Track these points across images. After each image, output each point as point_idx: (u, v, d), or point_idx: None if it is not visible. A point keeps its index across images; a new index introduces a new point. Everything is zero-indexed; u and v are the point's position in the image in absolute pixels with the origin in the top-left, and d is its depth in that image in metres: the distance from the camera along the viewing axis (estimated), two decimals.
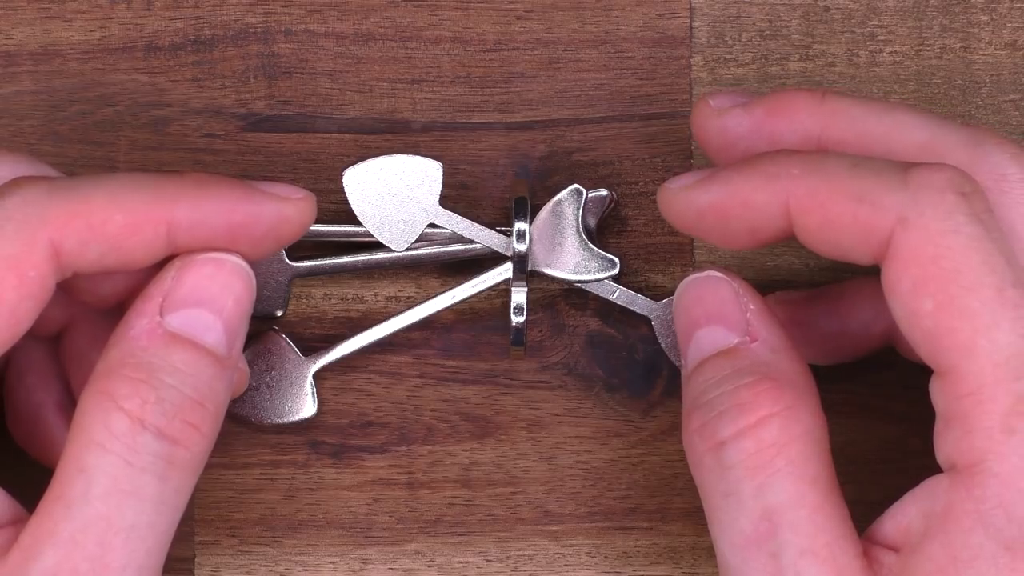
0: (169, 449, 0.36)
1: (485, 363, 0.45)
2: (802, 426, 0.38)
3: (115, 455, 0.36)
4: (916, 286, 0.36)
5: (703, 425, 0.38)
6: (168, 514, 0.37)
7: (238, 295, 0.38)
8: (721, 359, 0.39)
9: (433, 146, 0.45)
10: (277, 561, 0.45)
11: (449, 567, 0.45)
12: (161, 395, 0.36)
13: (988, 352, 0.36)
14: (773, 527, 0.37)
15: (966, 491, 0.36)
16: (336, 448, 0.45)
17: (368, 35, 0.45)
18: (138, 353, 0.37)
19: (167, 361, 0.37)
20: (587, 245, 0.43)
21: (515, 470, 0.45)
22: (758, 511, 0.37)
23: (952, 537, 0.36)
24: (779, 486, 0.37)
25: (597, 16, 0.45)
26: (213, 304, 0.38)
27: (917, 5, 0.46)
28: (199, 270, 0.38)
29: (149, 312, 0.37)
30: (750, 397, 0.38)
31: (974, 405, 0.36)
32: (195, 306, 0.37)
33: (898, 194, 0.37)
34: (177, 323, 0.37)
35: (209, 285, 0.38)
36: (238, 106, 0.45)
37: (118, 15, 0.45)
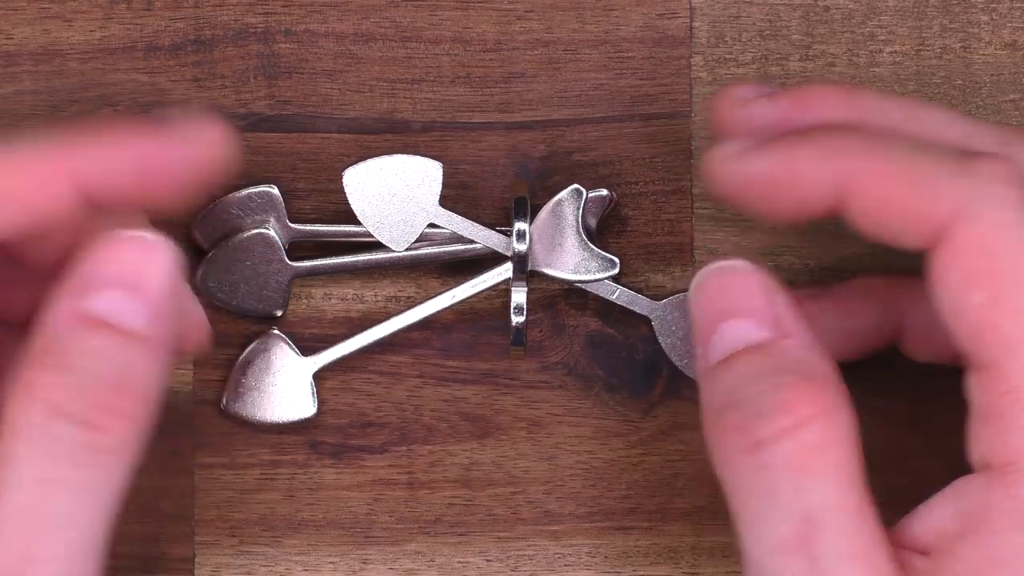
0: (90, 436, 0.35)
1: (485, 363, 0.45)
2: (843, 428, 0.37)
3: (35, 444, 0.35)
4: (968, 278, 0.36)
5: (739, 425, 0.37)
6: (96, 501, 0.36)
7: (160, 273, 0.37)
8: (754, 355, 0.38)
9: (433, 146, 0.45)
10: (277, 561, 0.45)
11: (449, 567, 0.45)
12: (77, 381, 0.35)
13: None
14: (813, 530, 0.36)
15: (1004, 490, 0.35)
16: (336, 448, 0.45)
17: (368, 35, 0.45)
18: (56, 339, 0.36)
19: (85, 346, 0.36)
20: (587, 245, 0.43)
21: (515, 470, 0.45)
22: (798, 514, 0.36)
23: (988, 538, 0.35)
24: (821, 488, 0.36)
25: (597, 16, 0.45)
26: (133, 284, 0.36)
27: (917, 5, 0.46)
28: (116, 250, 0.37)
29: (67, 296, 0.36)
30: (792, 397, 0.36)
31: (1013, 403, 0.35)
32: (113, 287, 0.36)
33: (960, 183, 0.36)
34: (96, 306, 0.36)
35: (127, 265, 0.36)
36: (238, 106, 0.45)
37: (118, 15, 0.45)
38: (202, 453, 0.45)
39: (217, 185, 0.38)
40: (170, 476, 0.44)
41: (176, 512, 0.45)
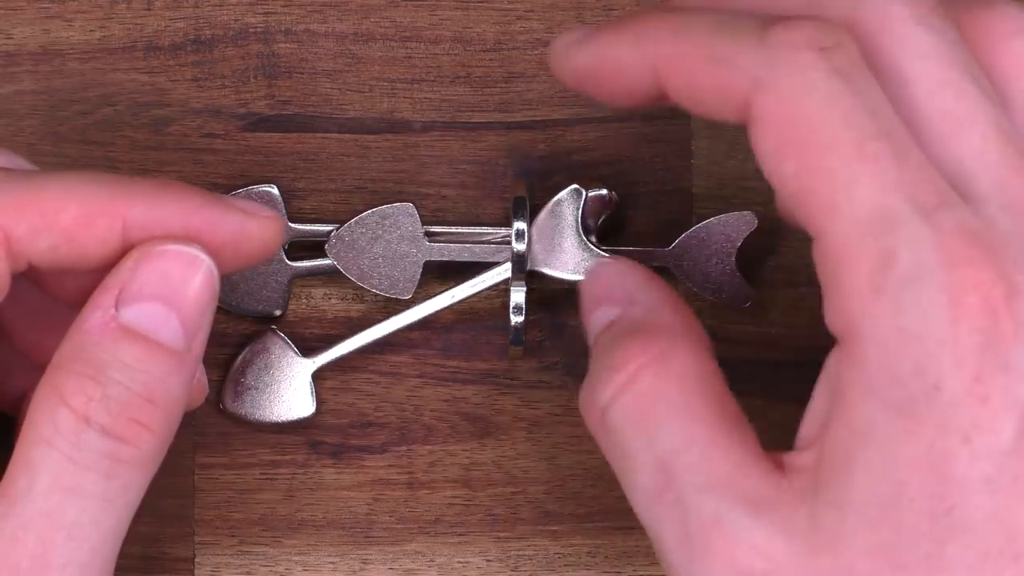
0: (115, 447, 0.36)
1: (485, 363, 0.45)
2: (677, 367, 0.37)
3: (59, 452, 0.35)
4: (776, 149, 0.35)
5: (586, 397, 0.38)
6: (115, 512, 0.36)
7: (197, 289, 0.37)
8: (603, 332, 0.39)
9: (433, 146, 0.45)
10: (277, 561, 0.45)
11: (449, 567, 0.45)
12: (107, 392, 0.35)
13: (849, 211, 0.34)
14: (669, 474, 0.36)
15: (849, 360, 0.34)
16: (336, 448, 0.45)
17: (368, 35, 0.45)
18: (89, 348, 0.36)
19: (116, 356, 0.36)
20: (586, 245, 0.43)
21: (515, 470, 0.45)
22: (652, 463, 0.36)
23: (848, 412, 0.34)
24: (665, 432, 0.36)
25: (597, 16, 0.45)
26: (170, 298, 0.36)
27: None
28: (157, 262, 0.37)
29: (104, 305, 0.36)
30: (621, 355, 0.37)
31: (841, 267, 0.34)
32: (150, 299, 0.36)
33: (753, 54, 0.35)
34: (131, 317, 0.36)
35: (167, 277, 0.37)
36: (238, 106, 0.45)
37: (118, 15, 0.45)
38: (202, 453, 0.45)
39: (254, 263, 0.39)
40: (170, 476, 0.44)
41: (176, 512, 0.45)
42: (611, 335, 0.38)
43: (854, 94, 0.34)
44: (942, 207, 0.34)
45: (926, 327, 0.33)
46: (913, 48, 0.36)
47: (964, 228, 0.34)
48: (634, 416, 0.37)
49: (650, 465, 0.36)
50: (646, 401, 0.37)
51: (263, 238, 0.38)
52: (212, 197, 0.38)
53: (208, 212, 0.37)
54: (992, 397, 0.33)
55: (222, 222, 0.37)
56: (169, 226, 0.37)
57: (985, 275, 0.33)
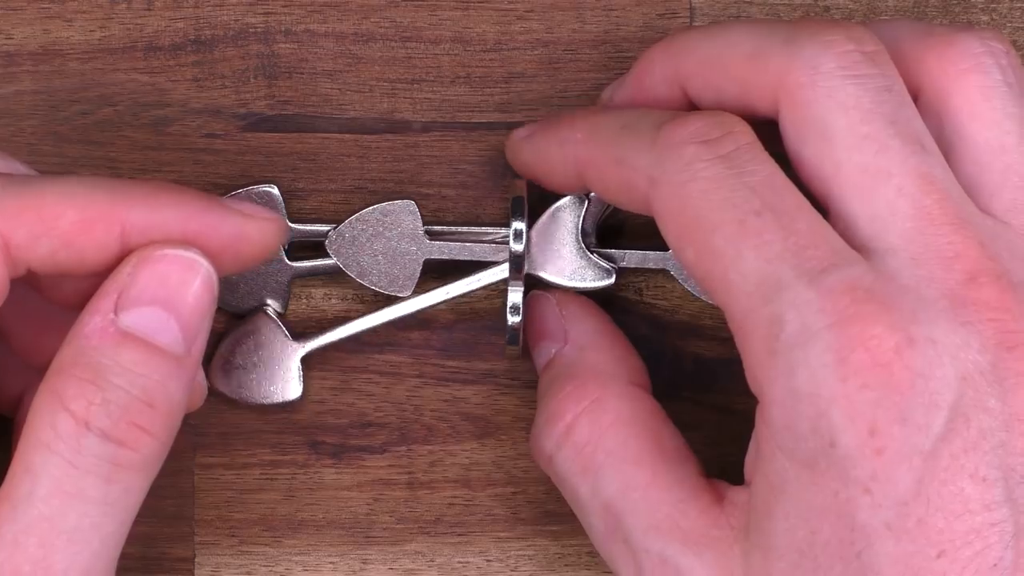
0: (115, 451, 0.36)
1: (485, 363, 0.45)
2: (611, 414, 0.39)
3: (59, 456, 0.35)
4: (676, 239, 0.37)
5: (533, 444, 0.41)
6: (116, 516, 0.36)
7: (197, 292, 0.37)
8: (545, 371, 0.42)
9: (433, 146, 0.45)
10: (277, 561, 0.45)
11: (449, 567, 0.45)
12: (107, 396, 0.35)
13: (739, 284, 0.36)
14: (615, 518, 0.38)
15: (761, 417, 0.36)
16: (336, 448, 0.45)
17: (368, 35, 0.45)
18: (88, 352, 0.36)
19: (116, 361, 0.36)
20: (585, 253, 0.43)
21: (515, 470, 0.45)
22: (599, 508, 0.39)
23: (765, 465, 0.36)
24: (606, 480, 0.39)
25: (597, 16, 0.45)
26: (169, 302, 0.36)
27: (917, 5, 0.46)
28: (156, 266, 0.37)
29: (103, 309, 0.36)
30: (556, 406, 0.40)
31: (743, 336, 0.36)
32: (150, 304, 0.36)
33: (647, 154, 0.38)
34: (130, 321, 0.36)
35: (166, 282, 0.37)
36: (238, 106, 0.45)
37: (118, 15, 0.45)
38: (202, 453, 0.45)
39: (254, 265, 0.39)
40: (170, 476, 0.44)
41: (176, 512, 0.45)
42: (548, 379, 0.41)
43: (735, 176, 0.36)
44: (831, 268, 0.35)
45: (816, 387, 0.35)
46: (837, 102, 0.37)
47: (854, 286, 0.35)
48: (576, 465, 0.39)
49: (598, 509, 0.39)
50: (585, 451, 0.39)
51: (262, 240, 0.38)
52: (211, 200, 0.38)
53: (207, 215, 0.37)
54: (888, 448, 0.35)
55: (221, 225, 0.37)
56: (168, 230, 0.37)
57: (875, 330, 0.35)
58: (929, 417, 0.34)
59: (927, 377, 0.34)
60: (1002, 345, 0.35)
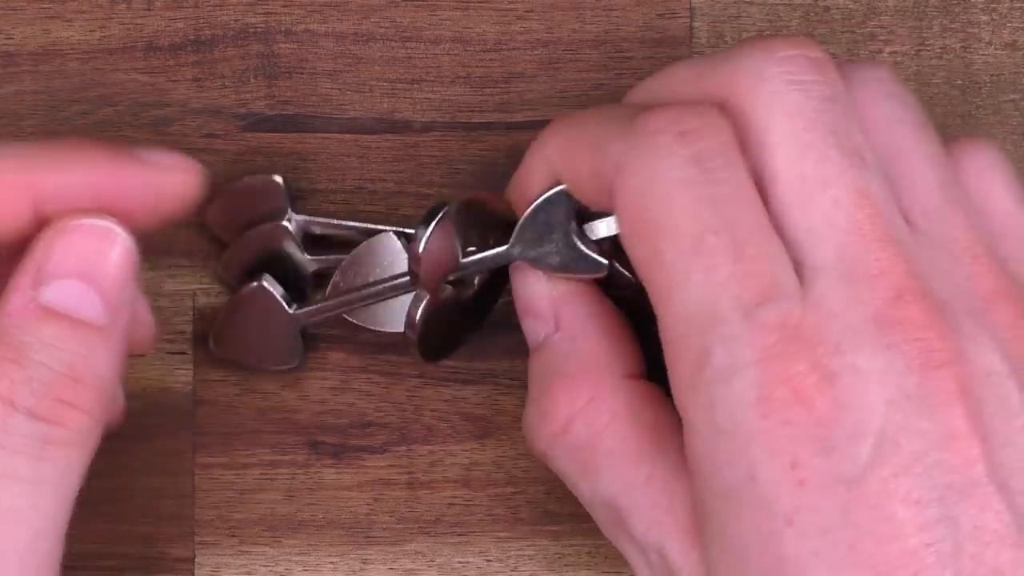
0: (43, 429, 0.35)
1: (485, 363, 0.45)
2: (607, 414, 0.39)
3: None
4: (630, 233, 0.36)
5: (527, 435, 0.40)
6: (52, 494, 0.35)
7: (116, 262, 0.36)
8: (535, 355, 0.40)
9: (433, 146, 0.45)
10: (277, 561, 0.45)
11: (449, 567, 0.45)
12: (30, 374, 0.35)
13: (679, 305, 0.35)
14: (618, 514, 0.38)
15: (688, 449, 0.36)
16: (336, 448, 0.45)
17: (368, 35, 0.45)
18: (10, 331, 0.35)
19: (37, 337, 0.35)
20: (575, 244, 0.43)
21: (515, 470, 0.45)
22: (602, 505, 0.38)
23: (694, 492, 0.36)
24: (605, 481, 0.38)
25: (597, 16, 0.45)
26: (88, 273, 0.36)
27: (917, 5, 0.46)
28: (71, 237, 0.36)
29: (22, 286, 0.36)
30: (549, 404, 0.39)
31: (672, 357, 0.36)
32: (67, 276, 0.36)
33: (620, 140, 0.36)
34: (50, 296, 0.35)
35: (83, 253, 0.36)
36: (238, 106, 0.45)
37: (118, 15, 0.45)
38: (202, 453, 0.45)
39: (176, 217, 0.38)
40: (170, 476, 0.44)
41: (176, 512, 0.45)
42: (539, 369, 0.40)
43: (704, 183, 0.35)
44: (766, 301, 0.35)
45: (735, 423, 0.35)
46: (780, 109, 0.36)
47: (784, 322, 0.35)
48: (574, 466, 0.39)
49: (601, 504, 0.39)
50: (583, 454, 0.39)
51: (179, 192, 0.37)
52: (122, 156, 0.37)
53: (118, 172, 0.37)
54: (810, 480, 0.34)
55: (134, 181, 0.37)
56: (81, 194, 0.36)
57: (797, 367, 0.34)
58: (854, 446, 0.34)
59: (850, 407, 0.34)
60: (927, 365, 0.34)
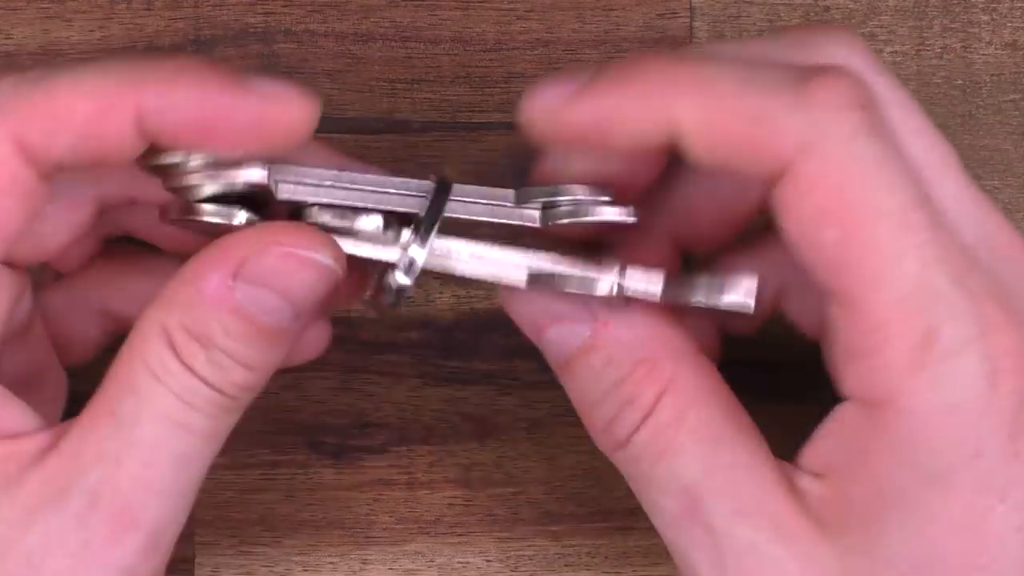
0: (218, 398, 0.36)
1: (485, 363, 0.45)
2: (690, 393, 0.37)
3: (168, 388, 0.36)
4: (819, 215, 0.34)
5: (603, 427, 0.38)
6: (212, 447, 0.37)
7: (318, 293, 0.37)
8: (586, 356, 0.38)
9: (433, 146, 0.45)
10: (277, 561, 0.45)
11: (449, 567, 0.45)
12: (212, 357, 0.36)
13: (894, 285, 0.34)
14: (695, 501, 0.36)
15: (882, 429, 0.35)
16: (336, 448, 0.45)
17: (368, 35, 0.45)
18: (200, 309, 0.36)
19: (225, 328, 0.36)
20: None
21: (515, 470, 0.45)
22: (677, 490, 0.36)
23: (875, 472, 0.35)
24: (687, 462, 0.36)
25: (597, 16, 0.45)
26: (289, 294, 0.36)
27: (917, 5, 0.46)
28: (287, 261, 0.36)
29: (222, 270, 0.36)
30: (632, 389, 0.37)
31: (881, 341, 0.34)
32: (272, 291, 0.36)
33: (797, 115, 0.34)
34: (247, 297, 0.36)
35: (293, 278, 0.36)
36: None
37: (118, 15, 0.45)
38: None
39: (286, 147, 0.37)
40: None
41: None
42: (605, 363, 0.37)
43: (894, 159, 0.34)
44: (968, 273, 0.34)
45: (969, 399, 0.34)
46: (888, 94, 0.36)
47: (990, 292, 0.34)
48: (655, 447, 0.37)
49: (675, 491, 0.36)
50: (666, 433, 0.37)
51: (287, 124, 0.36)
52: (231, 81, 0.36)
53: (224, 98, 0.36)
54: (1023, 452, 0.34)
55: (240, 109, 0.36)
56: (181, 117, 0.36)
57: (1015, 336, 0.34)
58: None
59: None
60: None
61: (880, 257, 0.34)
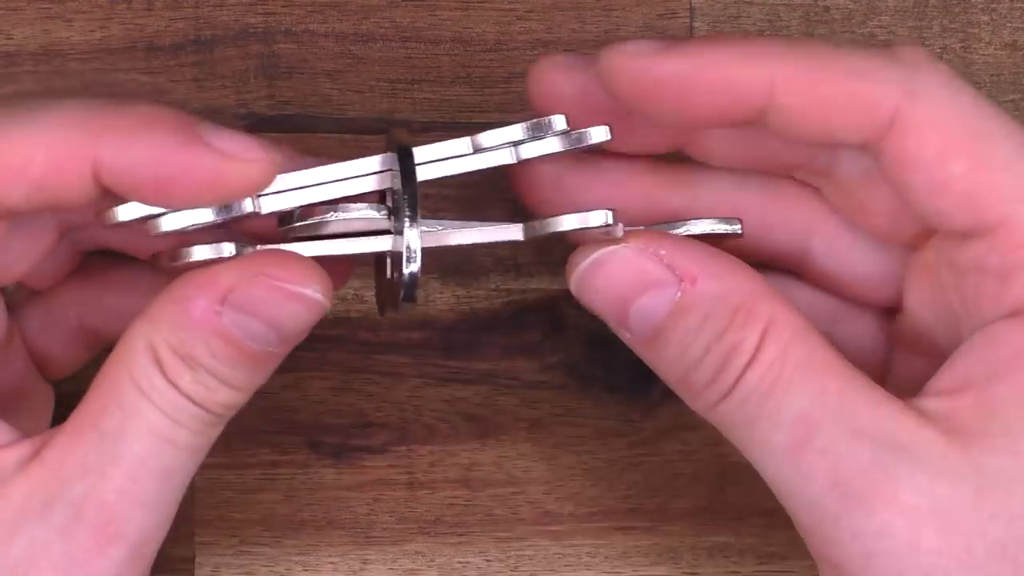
0: (203, 415, 0.37)
1: (485, 363, 0.45)
2: (790, 328, 0.37)
3: (154, 404, 0.36)
4: (943, 152, 0.36)
5: (709, 381, 0.37)
6: (197, 460, 0.37)
7: (307, 325, 0.37)
8: (680, 318, 0.37)
9: None
10: (277, 561, 0.45)
11: (449, 567, 0.45)
12: (198, 377, 0.36)
13: (1017, 198, 0.36)
14: (811, 426, 0.36)
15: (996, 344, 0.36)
16: (336, 448, 0.45)
17: (368, 35, 0.45)
18: (188, 330, 0.36)
19: (211, 351, 0.36)
20: None
21: (515, 470, 0.45)
22: (789, 420, 0.36)
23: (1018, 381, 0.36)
24: (797, 392, 0.36)
25: (597, 16, 0.45)
26: (278, 325, 0.37)
27: (917, 5, 0.46)
28: (277, 294, 0.37)
29: (211, 295, 0.36)
30: (735, 337, 0.37)
31: (1007, 251, 0.36)
32: (256, 318, 0.37)
33: (897, 69, 0.37)
34: (234, 325, 0.36)
35: (282, 310, 0.37)
36: (238, 106, 0.45)
37: (118, 15, 0.45)
38: None
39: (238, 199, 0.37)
40: None
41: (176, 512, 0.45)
42: (702, 318, 0.37)
43: (984, 99, 0.37)
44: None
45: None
46: None
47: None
48: (763, 385, 0.37)
49: (788, 422, 0.36)
50: (774, 369, 0.37)
51: (242, 184, 0.36)
52: (191, 138, 0.36)
53: (181, 155, 0.36)
54: None
55: (196, 166, 0.36)
56: (138, 173, 0.36)
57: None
58: None
59: None
60: None
61: (1016, 172, 0.36)
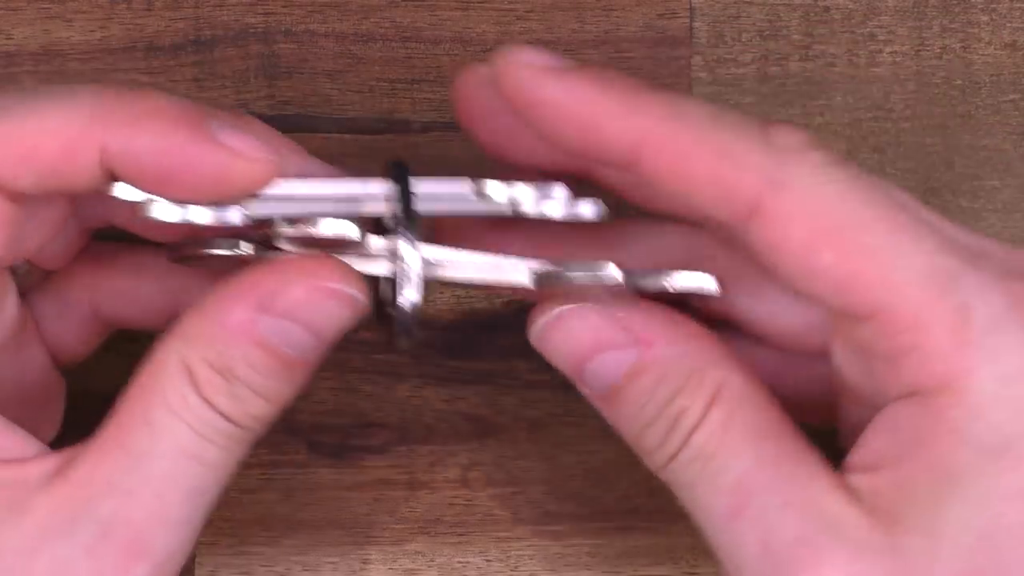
0: (233, 430, 0.37)
1: (485, 363, 0.45)
2: (737, 395, 0.37)
3: (184, 423, 0.36)
4: (808, 243, 0.35)
5: (659, 442, 0.38)
6: (223, 476, 0.37)
7: (344, 325, 0.37)
8: (635, 380, 0.38)
9: (433, 146, 0.45)
10: (276, 561, 0.45)
11: (449, 567, 0.45)
12: (234, 390, 0.36)
13: (907, 279, 0.35)
14: (746, 495, 0.36)
15: (938, 413, 0.35)
16: (336, 448, 0.45)
17: (368, 35, 0.45)
18: (223, 341, 0.36)
19: (248, 361, 0.36)
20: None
21: (515, 470, 0.45)
22: (727, 486, 0.37)
23: (934, 456, 0.35)
24: (736, 460, 0.37)
25: (597, 16, 0.45)
26: (313, 326, 0.37)
27: (917, 5, 0.46)
28: (313, 295, 0.37)
29: (247, 303, 0.36)
30: (685, 402, 0.37)
31: (920, 332, 0.35)
32: (293, 321, 0.37)
33: (763, 155, 0.36)
34: (271, 332, 0.36)
35: (319, 311, 0.37)
36: (238, 106, 0.45)
37: (118, 15, 0.45)
38: None
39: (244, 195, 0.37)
40: None
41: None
42: (655, 382, 0.38)
43: (862, 178, 0.36)
44: (977, 256, 0.36)
45: (1019, 366, 0.35)
46: None
47: (1003, 267, 0.36)
48: (706, 449, 0.37)
49: (726, 488, 0.37)
50: (717, 435, 0.37)
51: (247, 182, 0.37)
52: (196, 129, 0.36)
53: (188, 149, 0.36)
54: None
55: (201, 163, 0.36)
56: (143, 163, 0.36)
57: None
58: None
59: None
60: None
61: (884, 258, 0.35)
